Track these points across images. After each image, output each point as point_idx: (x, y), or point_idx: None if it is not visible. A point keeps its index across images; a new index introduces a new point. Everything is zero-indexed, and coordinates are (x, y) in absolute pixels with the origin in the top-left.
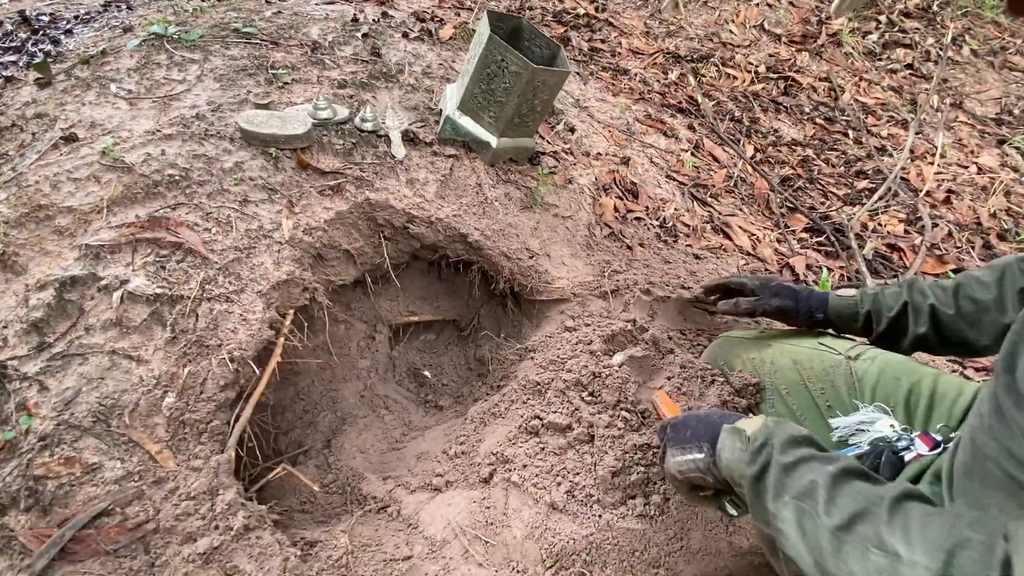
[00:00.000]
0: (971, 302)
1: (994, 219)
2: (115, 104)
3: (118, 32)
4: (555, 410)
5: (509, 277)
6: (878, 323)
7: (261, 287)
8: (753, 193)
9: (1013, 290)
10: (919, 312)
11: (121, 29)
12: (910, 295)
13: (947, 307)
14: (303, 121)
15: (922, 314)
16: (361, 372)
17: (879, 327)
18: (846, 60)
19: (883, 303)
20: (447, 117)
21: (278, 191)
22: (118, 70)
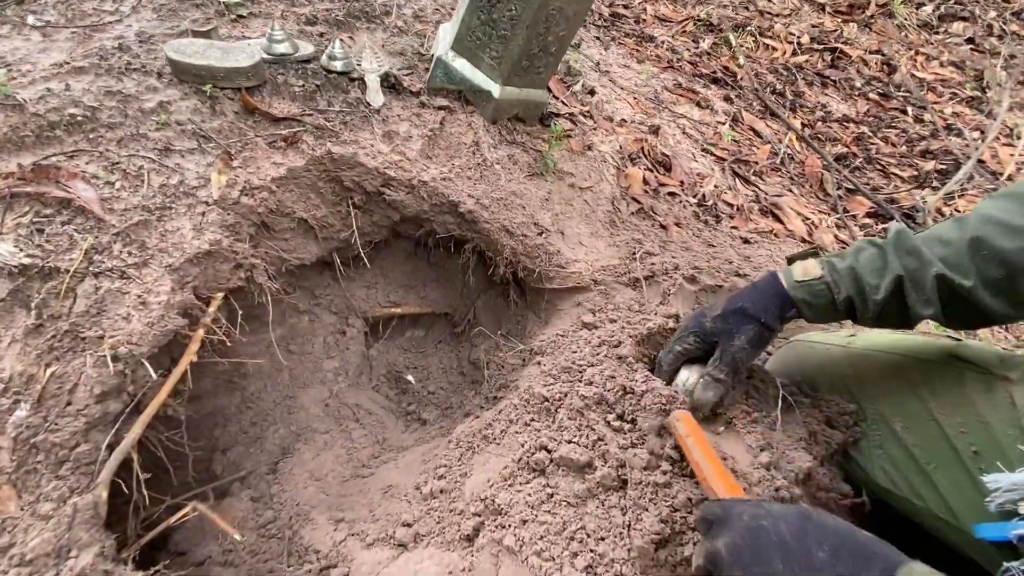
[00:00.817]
0: (999, 263)
1: None
2: (26, 36)
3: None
4: (570, 438)
5: (511, 259)
6: (864, 310)
7: (173, 260)
8: (804, 172)
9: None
10: (921, 286)
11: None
12: (902, 262)
13: (962, 275)
14: (251, 53)
15: (926, 288)
16: (327, 375)
17: (866, 315)
18: (899, 33)
19: (865, 280)
20: (438, 59)
21: (213, 140)
22: (45, 2)
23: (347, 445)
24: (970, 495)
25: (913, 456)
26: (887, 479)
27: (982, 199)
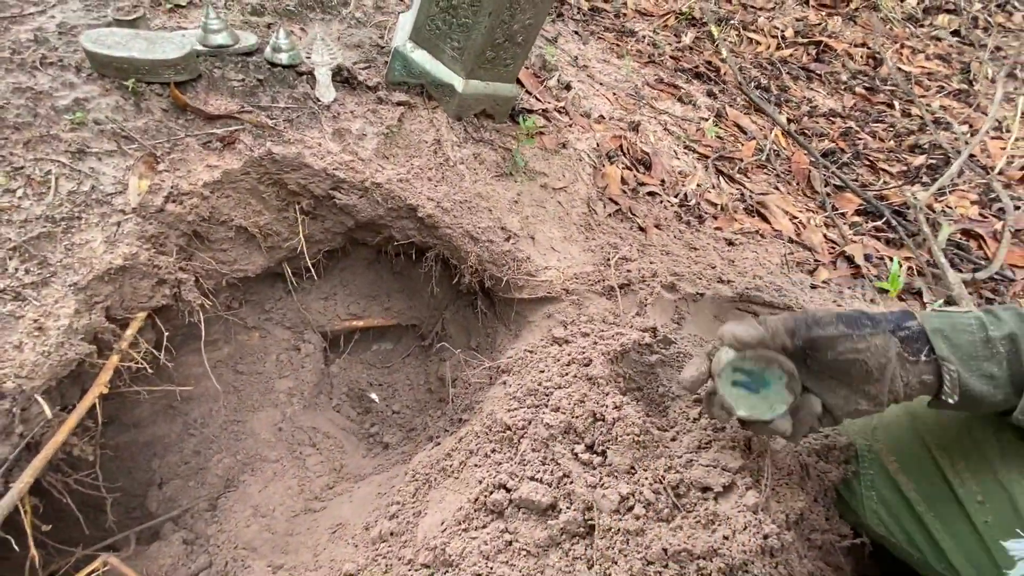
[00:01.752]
0: None
1: None
2: None
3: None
4: (532, 474)
5: (477, 266)
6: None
7: (78, 277)
8: (790, 169)
9: None
10: None
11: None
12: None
13: None
14: (181, 44)
15: None
16: (279, 396)
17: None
18: (884, 26)
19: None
20: (396, 51)
21: (135, 140)
22: None
23: (299, 475)
24: (977, 556)
25: (907, 501)
26: (880, 524)
27: None
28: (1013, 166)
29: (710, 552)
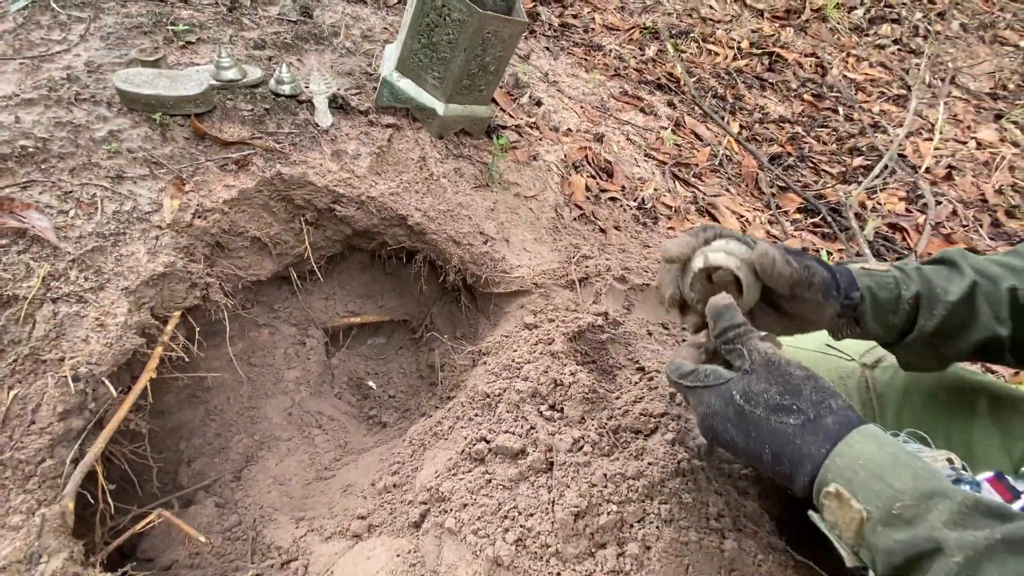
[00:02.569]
0: None
1: (1000, 195)
2: None
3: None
4: (507, 429)
5: (459, 266)
6: (929, 314)
7: (129, 283)
8: (740, 172)
9: None
10: (994, 301)
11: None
12: (975, 273)
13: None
14: (199, 81)
15: (1000, 304)
16: (288, 385)
17: (928, 321)
18: (832, 36)
19: (936, 284)
20: (384, 80)
21: (164, 165)
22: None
23: (310, 451)
24: None
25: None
26: None
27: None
28: (940, 164)
29: (638, 474)
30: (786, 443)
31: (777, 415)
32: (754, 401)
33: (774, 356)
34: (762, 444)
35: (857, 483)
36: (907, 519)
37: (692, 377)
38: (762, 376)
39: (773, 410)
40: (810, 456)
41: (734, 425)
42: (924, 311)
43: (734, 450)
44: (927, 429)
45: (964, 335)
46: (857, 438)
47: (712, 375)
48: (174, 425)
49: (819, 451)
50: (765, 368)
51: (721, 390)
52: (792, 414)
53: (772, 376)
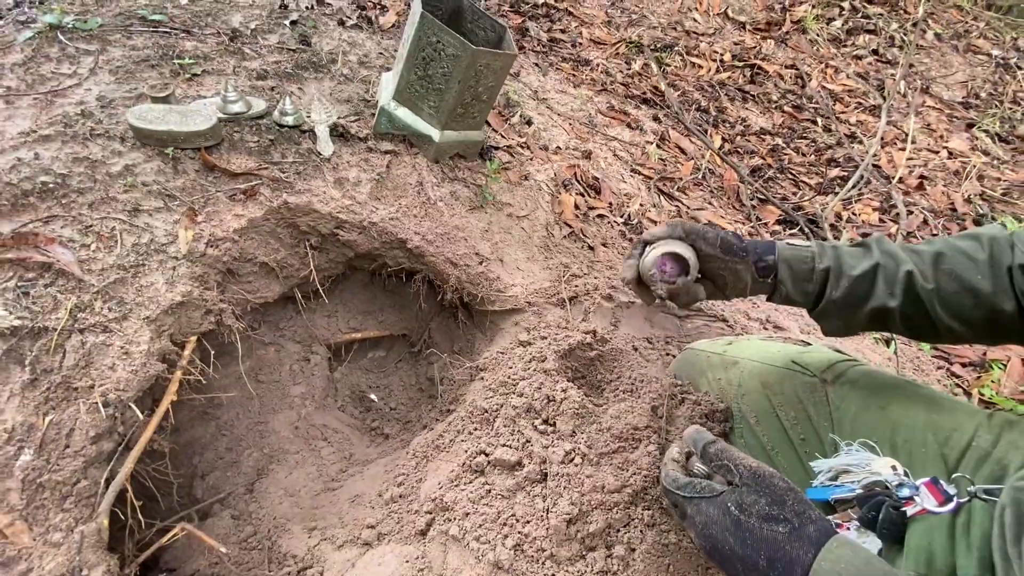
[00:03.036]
0: (955, 280)
1: (969, 204)
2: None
3: (19, 27)
4: (504, 442)
5: (457, 286)
6: (836, 285)
7: (150, 312)
8: (723, 185)
9: (1003, 270)
10: (892, 279)
11: (23, 24)
12: (881, 256)
13: (925, 279)
14: (208, 116)
15: (896, 282)
16: (294, 400)
17: (835, 291)
18: (811, 47)
19: (845, 260)
20: (382, 108)
21: (177, 198)
22: (2, 66)
23: (317, 463)
24: (800, 474)
25: (762, 444)
26: None
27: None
28: (913, 174)
29: (623, 485)
30: (778, 549)
31: (769, 524)
32: (748, 511)
33: (759, 469)
34: (758, 551)
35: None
36: None
37: (689, 488)
38: (752, 488)
39: (764, 519)
40: (799, 561)
41: (731, 533)
42: (832, 282)
43: (730, 557)
44: (876, 438)
45: (862, 305)
46: (835, 545)
47: (707, 488)
48: (187, 440)
49: (806, 556)
50: (754, 481)
51: (718, 501)
52: (781, 523)
53: (760, 488)
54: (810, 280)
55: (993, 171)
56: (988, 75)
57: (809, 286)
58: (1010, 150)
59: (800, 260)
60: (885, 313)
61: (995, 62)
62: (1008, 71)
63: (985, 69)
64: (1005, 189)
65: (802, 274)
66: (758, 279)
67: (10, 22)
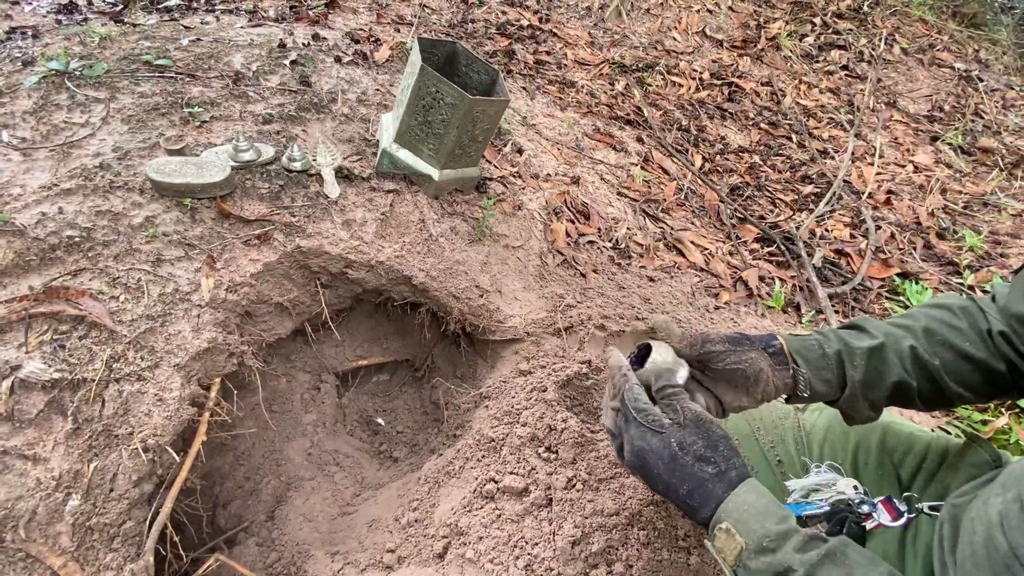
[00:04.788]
0: (951, 350)
1: (932, 218)
2: (6, 155)
3: (18, 66)
4: (511, 470)
5: (459, 318)
6: (852, 365)
7: (179, 359)
8: (704, 205)
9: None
10: (901, 354)
11: (21, 62)
12: (880, 334)
13: (928, 354)
14: (222, 166)
15: (905, 357)
16: (307, 428)
17: (855, 372)
18: (785, 63)
19: (849, 340)
20: (384, 151)
21: (196, 246)
22: (12, 114)
23: (332, 488)
24: (777, 492)
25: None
26: None
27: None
28: (882, 189)
29: (620, 508)
30: (701, 485)
31: (700, 464)
32: (685, 450)
33: (702, 414)
34: (683, 482)
35: (741, 523)
36: (771, 550)
37: (644, 415)
38: (692, 431)
39: (698, 459)
40: (715, 498)
41: (664, 463)
42: (847, 363)
43: (655, 480)
44: (840, 460)
45: (882, 381)
46: (744, 489)
47: (658, 422)
48: (207, 471)
49: (722, 494)
50: (695, 424)
51: (663, 436)
52: (710, 464)
53: (700, 432)
54: (827, 367)
55: (955, 184)
56: (952, 88)
57: (827, 373)
58: (971, 162)
59: (808, 348)
60: (905, 388)
61: (958, 75)
62: (970, 83)
63: (949, 82)
64: (966, 202)
65: (816, 361)
66: (776, 368)
67: (5, 58)
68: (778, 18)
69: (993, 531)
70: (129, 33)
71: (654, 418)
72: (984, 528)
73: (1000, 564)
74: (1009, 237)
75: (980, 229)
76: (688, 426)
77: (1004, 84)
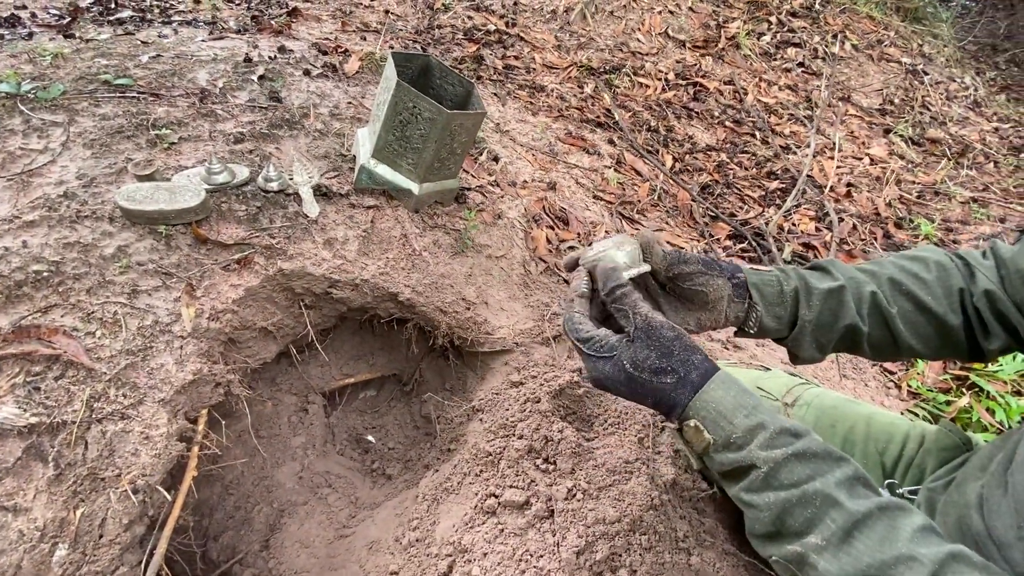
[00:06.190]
0: (911, 300)
1: (890, 208)
2: None
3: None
4: (511, 483)
5: (447, 331)
6: (807, 304)
7: (164, 394)
8: (677, 205)
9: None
10: (859, 298)
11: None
12: (843, 277)
13: (888, 302)
14: (195, 190)
15: (863, 302)
16: (296, 451)
17: (808, 312)
18: (746, 62)
19: (809, 280)
20: (362, 166)
21: (174, 275)
22: None
23: (326, 510)
24: None
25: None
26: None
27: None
28: (842, 182)
29: (621, 515)
30: (664, 396)
31: (658, 376)
32: (640, 367)
33: (652, 320)
34: (645, 397)
35: (708, 420)
36: (738, 446)
37: (589, 345)
38: (643, 343)
39: (654, 372)
40: (680, 403)
41: (623, 385)
42: (803, 303)
43: (620, 396)
44: None
45: (835, 323)
46: (712, 386)
47: (607, 346)
48: (195, 504)
49: (686, 399)
50: (645, 334)
51: (614, 360)
52: (668, 374)
53: (651, 342)
54: (781, 303)
55: (909, 175)
56: (900, 82)
57: (780, 310)
58: (922, 152)
59: (767, 284)
60: (856, 333)
61: (905, 69)
62: (916, 77)
63: (897, 76)
64: (919, 192)
65: (772, 297)
66: (734, 299)
67: None
68: (736, 17)
69: (968, 511)
70: (83, 50)
71: (600, 344)
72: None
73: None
74: (959, 224)
75: (933, 217)
76: (639, 339)
77: (947, 76)
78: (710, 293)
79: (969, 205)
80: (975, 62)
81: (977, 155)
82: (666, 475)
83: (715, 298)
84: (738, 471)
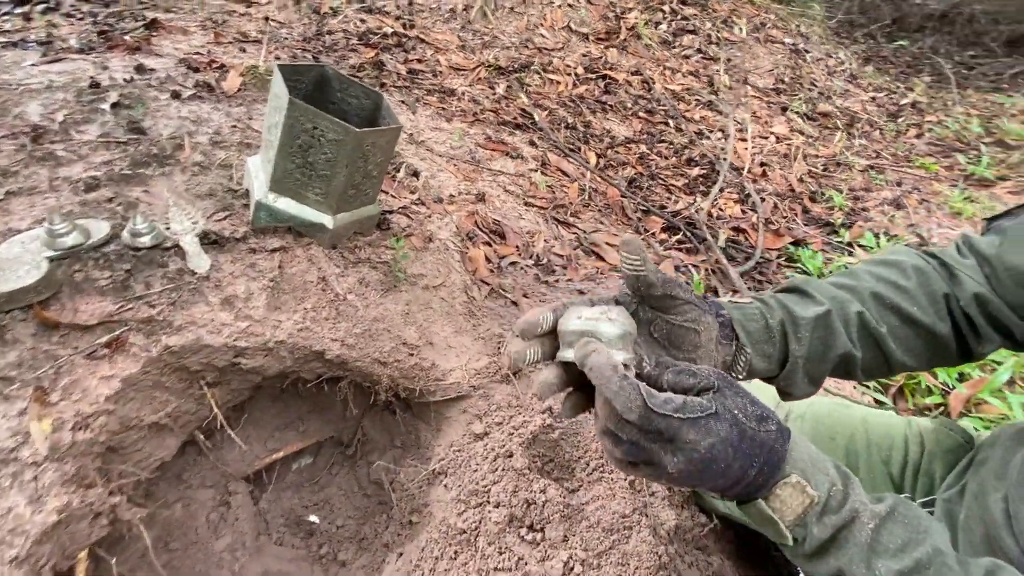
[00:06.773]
0: (897, 315)
1: (802, 183)
2: None
3: None
4: (495, 566)
5: (390, 384)
6: (796, 338)
7: (15, 550)
8: (608, 203)
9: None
10: (847, 322)
11: None
12: (826, 300)
13: (876, 321)
14: (33, 262)
15: (852, 325)
16: (222, 556)
17: (799, 346)
18: (648, 51)
19: (793, 309)
20: (259, 202)
21: (14, 379)
22: None
23: None
24: None
25: None
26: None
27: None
28: (756, 163)
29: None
30: (771, 451)
31: (763, 425)
32: (748, 416)
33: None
34: (753, 458)
35: (809, 473)
36: (839, 500)
37: (688, 409)
38: (732, 390)
39: (759, 420)
40: (782, 457)
41: (734, 447)
42: (791, 336)
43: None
44: None
45: (827, 353)
46: (797, 436)
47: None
48: None
49: (784, 450)
50: (725, 380)
51: (721, 415)
52: (768, 421)
53: (736, 387)
54: (768, 340)
55: (811, 149)
56: (787, 62)
57: (768, 347)
58: (817, 127)
59: (751, 319)
60: (849, 361)
61: (789, 49)
62: (799, 56)
63: (783, 56)
64: (824, 165)
65: (758, 334)
66: (721, 341)
67: None
68: (632, 7)
69: (998, 531)
70: None
71: (693, 404)
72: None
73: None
74: (864, 191)
75: (841, 188)
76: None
77: (825, 53)
78: (702, 332)
79: (868, 173)
80: (837, 38)
81: (863, 124)
82: (667, 522)
83: (706, 339)
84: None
